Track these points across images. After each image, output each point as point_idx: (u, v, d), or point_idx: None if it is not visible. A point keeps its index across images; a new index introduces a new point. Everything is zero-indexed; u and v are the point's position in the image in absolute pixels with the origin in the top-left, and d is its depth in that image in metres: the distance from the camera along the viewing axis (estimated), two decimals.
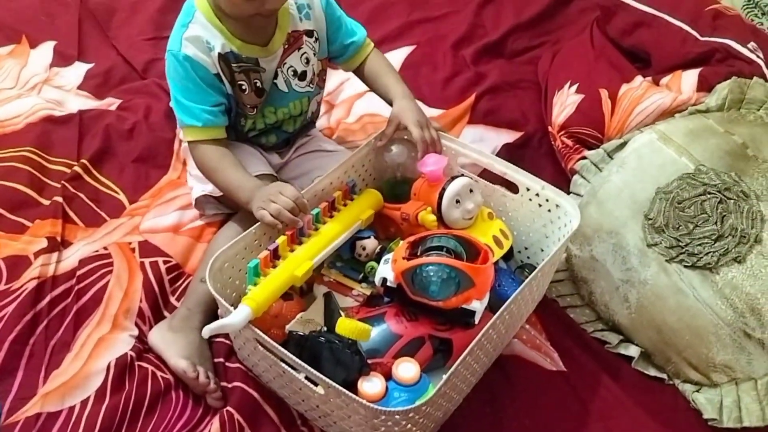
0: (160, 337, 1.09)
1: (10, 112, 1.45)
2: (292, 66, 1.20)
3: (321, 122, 1.48)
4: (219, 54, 1.11)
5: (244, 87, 1.16)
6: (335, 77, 1.57)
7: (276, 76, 1.19)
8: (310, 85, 1.24)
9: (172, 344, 1.06)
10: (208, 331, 0.93)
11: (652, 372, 1.16)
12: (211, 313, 1.09)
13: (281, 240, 1.03)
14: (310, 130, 1.36)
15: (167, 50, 1.12)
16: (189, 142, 1.15)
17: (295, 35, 1.19)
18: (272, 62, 1.17)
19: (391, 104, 1.23)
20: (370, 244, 1.15)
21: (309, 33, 1.21)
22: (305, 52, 1.21)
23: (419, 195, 1.17)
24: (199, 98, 1.12)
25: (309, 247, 1.06)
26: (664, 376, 1.16)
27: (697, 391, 1.13)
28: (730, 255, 1.10)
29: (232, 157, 1.14)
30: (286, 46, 1.18)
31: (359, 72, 1.30)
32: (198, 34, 1.11)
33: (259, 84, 1.17)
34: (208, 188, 1.22)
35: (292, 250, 1.05)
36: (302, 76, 1.22)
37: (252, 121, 1.22)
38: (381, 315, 1.06)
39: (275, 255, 1.03)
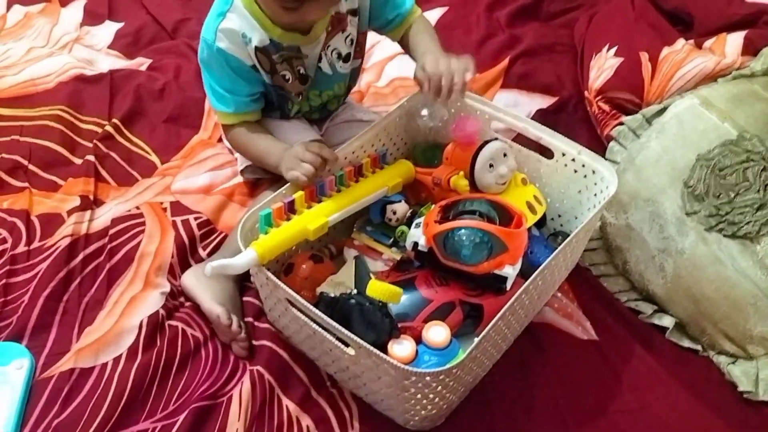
0: (195, 279, 1.10)
1: (42, 70, 1.46)
2: (336, 48, 1.15)
3: None
4: (256, 47, 1.07)
5: (287, 77, 1.12)
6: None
7: (320, 59, 1.14)
8: (353, 63, 1.21)
9: (207, 288, 1.07)
10: (210, 268, 0.92)
11: (686, 343, 1.14)
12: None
13: (298, 195, 1.01)
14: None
15: (201, 36, 1.08)
16: (222, 124, 1.15)
17: (339, 17, 1.12)
18: (315, 48, 1.12)
19: None
20: (401, 208, 1.14)
21: (353, 12, 1.14)
22: (349, 34, 1.15)
23: (451, 159, 1.14)
24: (234, 88, 1.09)
25: (327, 205, 1.03)
26: (699, 347, 1.13)
27: (733, 363, 1.10)
28: None
29: (261, 128, 1.14)
30: (330, 29, 1.12)
31: (402, 42, 1.23)
32: (234, 27, 1.05)
33: (302, 71, 1.13)
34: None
35: (309, 207, 1.03)
36: (346, 58, 1.17)
37: (298, 107, 1.20)
38: (411, 279, 1.05)
39: (291, 209, 1.01)
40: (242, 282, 1.13)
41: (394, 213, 1.14)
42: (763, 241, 1.08)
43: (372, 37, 1.48)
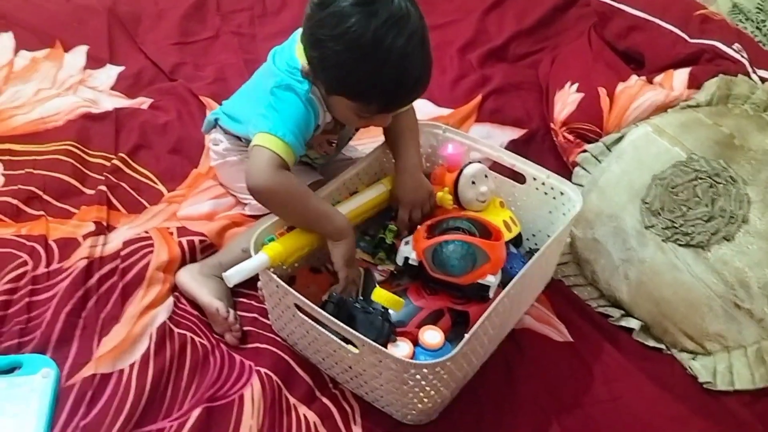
0: (190, 277, 1.21)
1: (51, 109, 1.56)
2: None
3: None
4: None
5: (322, 145, 1.27)
6: None
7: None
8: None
9: (204, 285, 1.19)
10: (229, 277, 1.02)
11: (651, 343, 1.26)
12: None
13: None
14: None
15: (286, 85, 1.10)
16: (267, 167, 1.05)
17: None
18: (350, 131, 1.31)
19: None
20: None
21: None
22: None
23: (438, 179, 1.27)
24: (299, 130, 1.10)
25: None
26: (663, 346, 1.26)
27: (693, 359, 1.23)
28: (720, 234, 1.21)
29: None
30: None
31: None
32: (318, 94, 1.12)
33: (334, 143, 1.29)
34: None
35: None
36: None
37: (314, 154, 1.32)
38: (404, 290, 1.16)
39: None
40: None
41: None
42: (714, 248, 1.21)
43: None
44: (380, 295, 1.03)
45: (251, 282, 1.22)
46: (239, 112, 1.28)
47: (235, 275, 1.02)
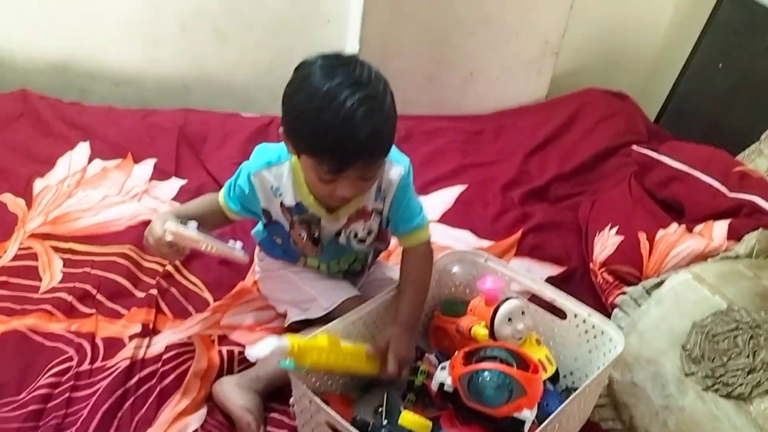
0: (227, 388, 1.23)
1: (114, 215, 1.66)
2: (355, 231, 1.30)
3: None
4: (282, 203, 1.24)
5: (302, 235, 1.29)
6: None
7: (339, 235, 1.30)
8: (370, 246, 1.38)
9: (239, 397, 1.20)
10: (248, 353, 1.00)
11: None
12: (274, 389, 1.24)
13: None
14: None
15: (245, 164, 1.26)
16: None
17: (365, 210, 1.27)
18: (334, 225, 1.28)
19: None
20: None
21: (378, 212, 1.29)
22: (370, 226, 1.30)
23: (475, 311, 1.29)
24: (236, 193, 1.28)
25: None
26: None
27: None
28: (762, 387, 1.19)
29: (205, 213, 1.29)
30: (353, 215, 1.27)
31: (403, 256, 1.32)
32: (270, 181, 1.23)
33: (316, 235, 1.29)
34: (304, 314, 1.34)
35: None
36: (362, 241, 1.33)
37: (317, 263, 1.37)
38: (436, 418, 1.15)
39: None
40: (266, 399, 1.25)
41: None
42: (756, 401, 1.18)
43: None
44: (408, 420, 1.03)
45: (284, 397, 1.24)
46: None
47: (254, 351, 1.01)
